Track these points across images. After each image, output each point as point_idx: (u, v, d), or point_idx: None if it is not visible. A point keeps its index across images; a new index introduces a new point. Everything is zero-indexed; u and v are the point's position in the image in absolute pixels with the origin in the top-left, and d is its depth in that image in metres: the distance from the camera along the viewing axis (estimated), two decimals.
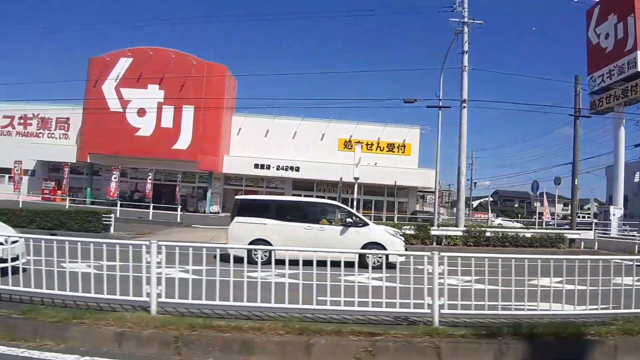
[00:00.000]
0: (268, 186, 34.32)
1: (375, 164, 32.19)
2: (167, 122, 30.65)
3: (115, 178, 30.37)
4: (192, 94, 30.44)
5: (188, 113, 30.49)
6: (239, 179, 34.34)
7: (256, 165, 32.02)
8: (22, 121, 35.83)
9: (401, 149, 33.97)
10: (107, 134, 30.27)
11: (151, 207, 24.95)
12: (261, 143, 33.13)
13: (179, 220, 23.83)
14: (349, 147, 33.27)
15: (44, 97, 46.72)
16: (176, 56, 31.03)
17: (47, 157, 33.62)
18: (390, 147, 33.90)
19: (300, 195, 27.73)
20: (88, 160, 31.50)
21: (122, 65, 31.07)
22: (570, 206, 23.32)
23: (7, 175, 36.09)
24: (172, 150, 30.49)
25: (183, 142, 30.60)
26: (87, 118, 31.28)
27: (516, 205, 76.86)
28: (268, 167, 31.99)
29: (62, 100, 34.53)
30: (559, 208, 47.32)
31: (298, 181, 33.23)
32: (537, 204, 35.02)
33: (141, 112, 30.71)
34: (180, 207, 26.43)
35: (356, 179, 18.00)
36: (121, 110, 30.82)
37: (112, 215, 17.49)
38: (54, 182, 34.30)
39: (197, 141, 30.48)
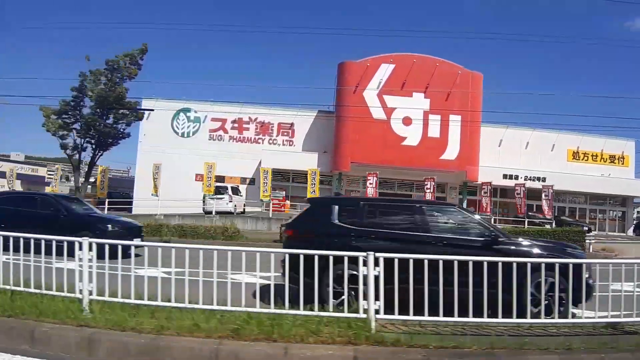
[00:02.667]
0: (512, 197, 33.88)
1: (609, 175, 33.40)
2: (433, 131, 29.94)
3: (371, 185, 29.15)
4: (458, 103, 29.91)
5: (454, 122, 29.92)
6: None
7: (505, 176, 32.02)
8: (236, 125, 33.44)
9: (620, 161, 35.32)
10: (371, 142, 29.12)
11: None
12: (495, 153, 33.17)
13: None
14: (577, 158, 34.28)
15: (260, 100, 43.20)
16: (440, 64, 30.28)
17: (280, 165, 31.63)
18: (612, 159, 35.14)
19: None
20: (349, 170, 30.06)
21: (384, 71, 29.89)
22: None
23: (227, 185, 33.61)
24: (440, 160, 29.84)
25: (451, 152, 30.01)
26: (346, 125, 29.78)
27: None
28: (517, 177, 32.06)
29: (286, 104, 32.90)
30: None
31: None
32: None
33: (407, 121, 29.75)
34: None
35: None
36: (385, 118, 29.70)
37: None
38: (283, 192, 32.44)
39: (465, 151, 30.04)
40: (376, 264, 4.64)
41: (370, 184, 28.20)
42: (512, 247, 6.05)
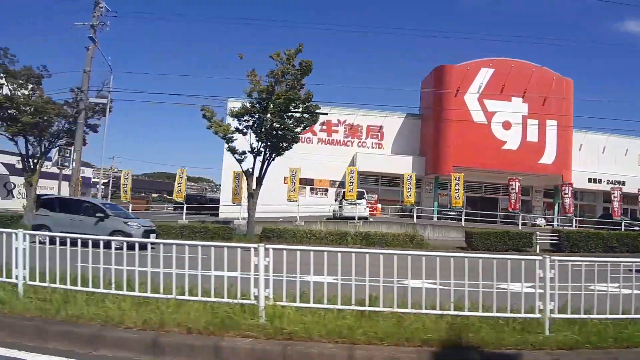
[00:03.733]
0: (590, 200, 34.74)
1: None
2: (531, 136, 30.39)
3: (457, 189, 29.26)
4: (553, 108, 30.50)
5: (551, 127, 30.48)
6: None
7: (590, 180, 32.82)
8: (324, 127, 32.95)
9: None
10: (473, 146, 29.31)
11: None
12: (576, 157, 33.94)
13: None
14: None
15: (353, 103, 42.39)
16: (537, 70, 30.78)
17: (372, 168, 31.41)
18: None
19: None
20: (453, 173, 30.06)
21: (484, 75, 30.14)
22: None
23: (308, 187, 33.07)
24: (538, 164, 30.31)
25: (548, 156, 30.51)
26: (448, 129, 29.83)
27: None
28: (600, 181, 32.94)
29: (375, 106, 32.69)
30: None
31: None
32: None
33: (506, 125, 30.11)
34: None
35: None
36: (486, 122, 29.95)
37: None
38: (375, 195, 32.21)
39: (560, 155, 30.62)
40: None
41: (457, 187, 28.31)
42: None
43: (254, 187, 19.25)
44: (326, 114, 22.96)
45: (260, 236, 18.71)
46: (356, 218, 23.27)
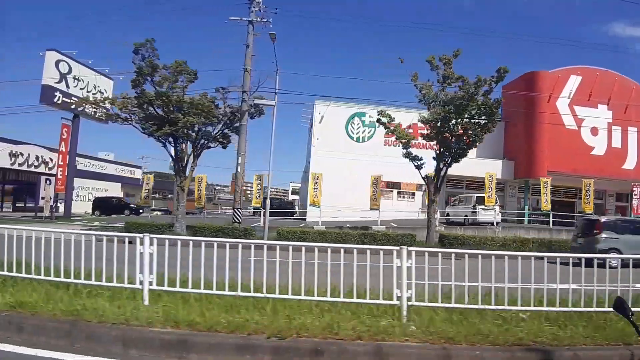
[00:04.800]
0: None
1: None
2: (616, 142, 31.57)
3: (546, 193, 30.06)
4: (634, 115, 31.85)
5: (632, 133, 31.81)
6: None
7: None
8: (410, 130, 32.64)
9: None
10: (564, 151, 30.14)
11: None
12: None
13: None
14: None
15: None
16: (618, 79, 32.02)
17: (458, 172, 31.43)
18: None
19: None
20: (546, 177, 30.71)
21: (573, 82, 31.03)
22: None
23: (395, 191, 32.82)
24: (621, 170, 31.54)
25: (630, 162, 31.82)
26: (542, 133, 30.49)
27: None
28: None
29: None
30: None
31: None
32: None
33: (594, 131, 31.14)
34: None
35: None
36: (576, 127, 30.85)
37: None
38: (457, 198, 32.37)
39: None
40: None
41: (546, 190, 29.02)
42: None
43: (433, 193, 18.88)
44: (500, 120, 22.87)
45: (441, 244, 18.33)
46: (495, 223, 23.32)
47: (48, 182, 26.17)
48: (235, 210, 18.87)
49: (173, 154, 19.11)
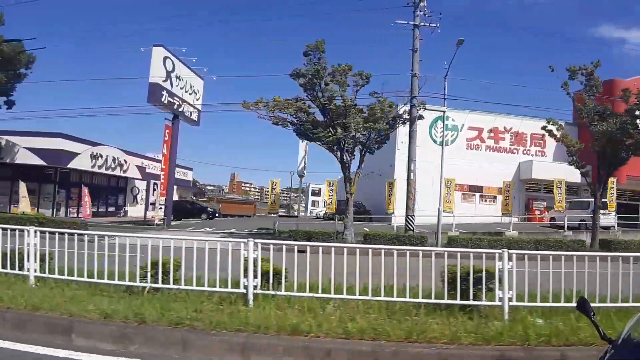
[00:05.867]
0: None
1: None
2: None
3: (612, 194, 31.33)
4: None
5: None
6: None
7: None
8: (492, 134, 33.36)
9: None
10: None
11: None
12: None
13: None
14: None
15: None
16: None
17: (543, 175, 32.44)
18: None
19: None
20: (625, 183, 31.92)
21: None
22: None
23: (478, 194, 33.21)
24: None
25: None
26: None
27: None
28: None
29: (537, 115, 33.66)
30: None
31: None
32: None
33: None
34: None
35: None
36: None
37: None
38: (544, 202, 33.21)
39: None
40: None
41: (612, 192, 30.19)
42: None
43: (599, 199, 19.28)
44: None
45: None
46: (615, 227, 24.08)
47: (155, 186, 24.80)
48: (409, 217, 18.59)
49: (339, 159, 18.62)
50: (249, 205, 45.13)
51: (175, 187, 41.69)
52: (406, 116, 19.46)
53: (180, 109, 26.28)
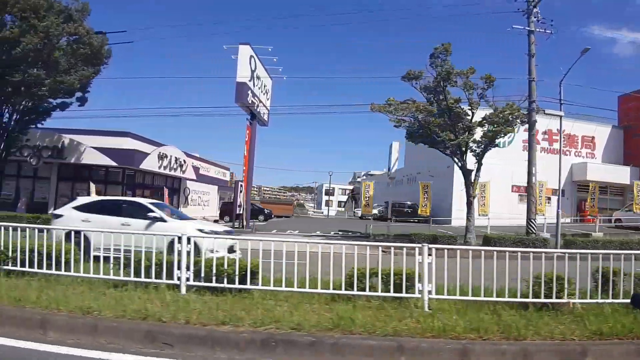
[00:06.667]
0: None
1: None
2: None
3: None
4: None
5: None
6: None
7: None
8: (546, 136, 33.91)
9: None
10: None
11: None
12: None
13: None
14: None
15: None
16: None
17: (597, 177, 33.18)
18: None
19: None
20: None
21: None
22: None
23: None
24: None
25: None
26: None
27: None
28: None
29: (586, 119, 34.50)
30: None
31: None
32: None
33: None
34: None
35: None
36: None
37: None
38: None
39: None
40: None
41: None
42: None
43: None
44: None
45: None
46: None
47: (241, 188, 24.21)
48: (530, 220, 18.72)
49: (459, 163, 18.58)
50: (288, 205, 44.77)
51: (217, 187, 41.01)
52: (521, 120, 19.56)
53: (257, 109, 25.73)
